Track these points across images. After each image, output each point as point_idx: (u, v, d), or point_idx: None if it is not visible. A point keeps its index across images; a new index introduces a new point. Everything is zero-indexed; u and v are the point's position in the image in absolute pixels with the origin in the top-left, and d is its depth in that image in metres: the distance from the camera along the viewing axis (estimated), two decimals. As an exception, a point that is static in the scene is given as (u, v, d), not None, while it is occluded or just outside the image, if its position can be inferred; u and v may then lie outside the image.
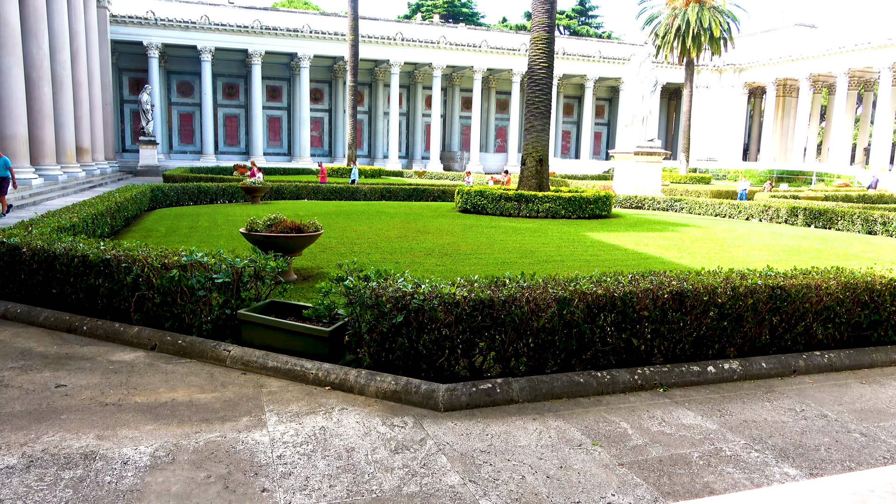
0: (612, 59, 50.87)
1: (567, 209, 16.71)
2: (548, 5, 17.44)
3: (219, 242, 10.53)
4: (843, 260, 10.81)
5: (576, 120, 57.16)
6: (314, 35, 43.24)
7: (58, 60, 24.66)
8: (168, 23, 40.03)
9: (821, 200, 23.46)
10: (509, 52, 47.92)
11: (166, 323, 5.89)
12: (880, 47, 41.33)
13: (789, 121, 53.39)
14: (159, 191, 17.90)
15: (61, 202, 18.67)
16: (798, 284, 5.68)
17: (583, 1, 72.20)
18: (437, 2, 68.58)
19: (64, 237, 7.12)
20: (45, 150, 22.82)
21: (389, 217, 15.25)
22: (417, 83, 51.21)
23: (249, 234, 7.76)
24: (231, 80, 47.22)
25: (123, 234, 11.75)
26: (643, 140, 25.58)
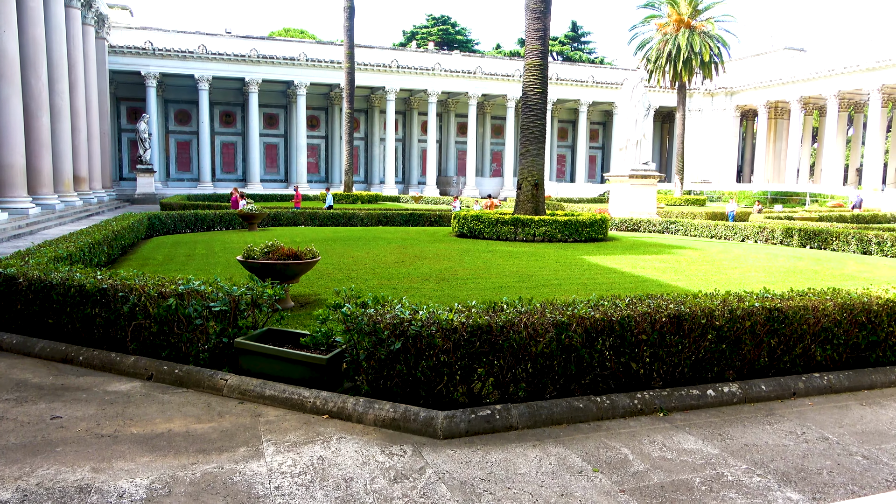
0: (605, 83, 51.47)
1: (563, 233, 16.76)
2: (541, 32, 17.69)
3: (216, 270, 10.52)
4: (839, 280, 10.84)
5: (570, 144, 57.61)
6: (310, 63, 43.70)
7: (56, 90, 24.85)
8: (166, 52, 40.44)
9: (815, 221, 23.59)
10: (504, 78, 48.47)
11: (163, 352, 5.85)
12: (869, 70, 41.93)
13: (782, 143, 53.89)
14: (156, 219, 17.92)
15: (58, 231, 18.67)
16: (795, 306, 5.69)
17: (575, 27, 73.24)
18: (432, 30, 69.52)
19: (61, 267, 7.11)
20: (42, 179, 22.89)
21: (386, 242, 15.27)
22: (413, 109, 51.67)
23: (247, 261, 7.76)
24: (228, 108, 47.57)
25: (120, 263, 11.73)
26: (637, 163, 25.77)
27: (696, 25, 42.17)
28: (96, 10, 32.36)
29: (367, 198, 35.66)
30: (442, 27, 70.13)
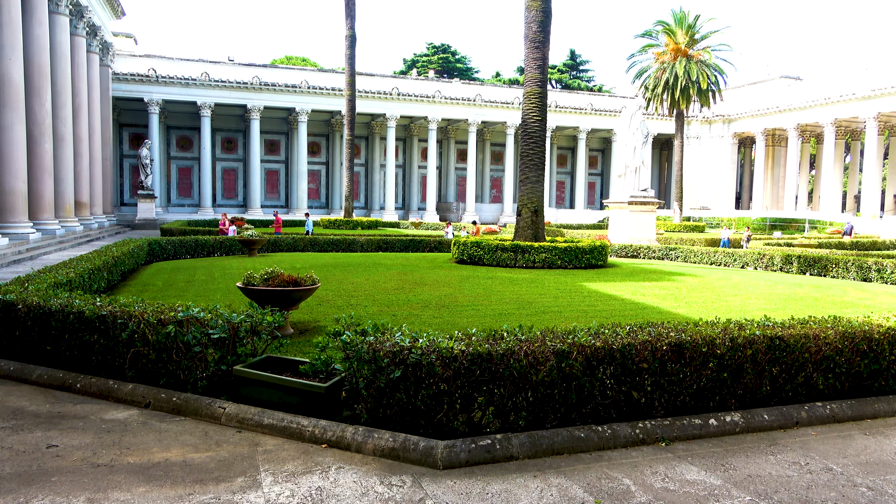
0: (603, 111, 51.97)
1: (563, 259, 16.77)
2: (540, 61, 17.91)
3: (215, 296, 10.50)
4: (839, 308, 10.81)
5: (570, 170, 57.95)
6: (312, 91, 44.16)
7: (60, 117, 25.09)
8: (169, 80, 40.89)
9: (814, 248, 23.61)
10: (503, 106, 48.94)
11: (161, 380, 5.82)
12: (864, 98, 42.36)
13: (779, 169, 54.22)
14: (156, 244, 17.94)
15: (59, 256, 18.68)
16: (796, 334, 5.67)
17: (574, 56, 74.15)
18: (432, 58, 70.38)
19: (60, 293, 7.10)
20: (44, 204, 22.98)
21: (386, 268, 15.27)
22: (413, 136, 52.08)
23: (246, 288, 7.75)
24: (230, 135, 47.95)
25: (120, 289, 11.71)
26: (637, 190, 25.89)
27: (693, 54, 42.72)
28: (101, 38, 32.80)
29: (368, 223, 35.75)
30: (442, 55, 71.00)
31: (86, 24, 29.10)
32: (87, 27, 29.43)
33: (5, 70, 19.80)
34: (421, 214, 48.93)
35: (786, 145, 51.52)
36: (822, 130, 46.90)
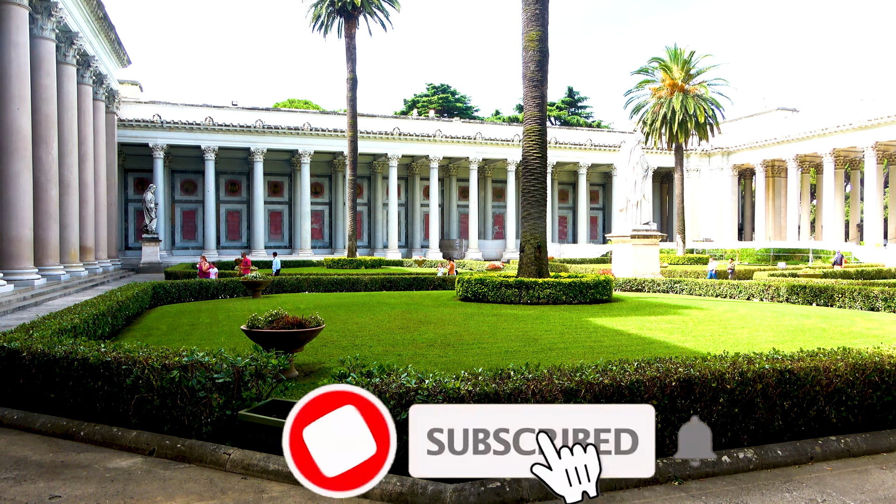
0: (602, 146, 52.49)
1: (568, 294, 16.71)
2: (539, 100, 18.16)
3: (220, 339, 10.47)
4: (848, 339, 10.71)
5: (571, 205, 58.24)
6: (314, 133, 44.78)
7: (66, 164, 25.42)
8: (174, 125, 41.55)
9: (819, 278, 23.51)
10: (503, 143, 49.49)
11: (165, 426, 5.76)
12: (862, 128, 42.72)
13: (780, 200, 54.40)
14: (161, 288, 17.95)
15: (63, 302, 18.70)
16: (806, 367, 5.61)
17: (572, 93, 75.23)
18: (433, 98, 71.45)
19: (65, 339, 7.09)
20: (49, 250, 23.11)
21: (391, 308, 15.23)
22: (415, 174, 52.55)
23: (251, 331, 7.73)
24: (233, 177, 48.48)
25: (124, 333, 11.69)
26: (639, 223, 25.96)
27: (689, 89, 43.30)
28: (107, 86, 33.46)
29: (371, 262, 35.80)
30: (442, 95, 72.10)
31: (92, 72, 29.71)
32: (93, 76, 30.04)
33: (14, 120, 20.16)
34: (424, 252, 49.05)
35: (785, 176, 51.80)
36: (821, 160, 47.20)
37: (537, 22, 17.86)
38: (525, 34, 18.08)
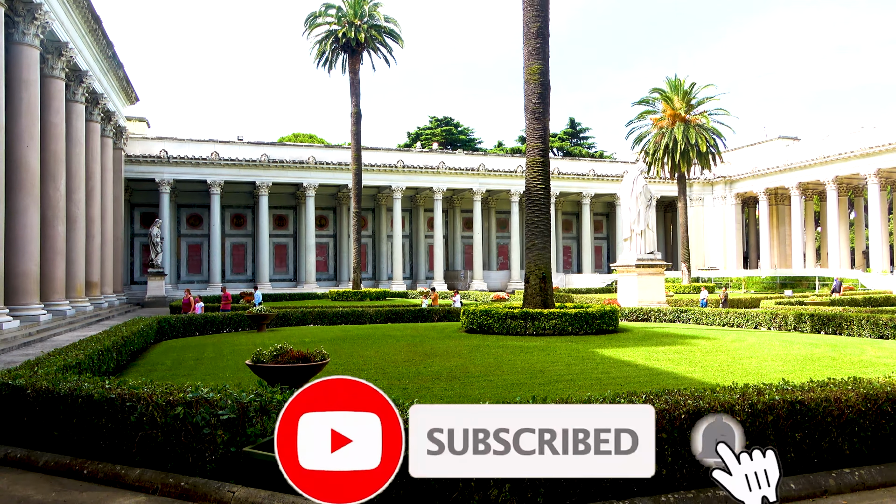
0: (605, 176, 52.77)
1: (574, 325, 16.62)
2: (541, 131, 18.33)
3: (225, 374, 10.42)
4: (859, 368, 10.59)
5: (575, 235, 58.30)
6: (319, 166, 45.20)
7: (73, 199, 25.67)
8: (180, 160, 42.01)
9: (827, 305, 23.36)
10: (506, 174, 49.81)
11: (169, 463, 5.71)
12: (864, 155, 42.88)
13: (785, 228, 54.38)
14: (165, 322, 17.94)
15: (68, 337, 18.69)
16: (817, 398, 5.55)
17: (574, 124, 75.89)
18: (436, 131, 72.16)
19: (69, 376, 7.07)
20: (55, 285, 23.20)
21: (396, 340, 15.16)
22: (419, 206, 52.81)
23: (255, 365, 7.70)
24: (239, 211, 48.81)
25: (129, 369, 11.65)
26: (643, 253, 25.92)
27: (690, 119, 43.62)
28: (115, 122, 33.96)
29: (376, 294, 35.77)
30: (445, 128, 72.82)
31: (101, 110, 30.20)
32: (101, 113, 30.52)
33: (22, 157, 20.44)
34: (429, 283, 49.00)
35: (789, 204, 51.87)
36: (825, 188, 47.29)
37: (538, 56, 18.12)
38: (526, 68, 18.34)
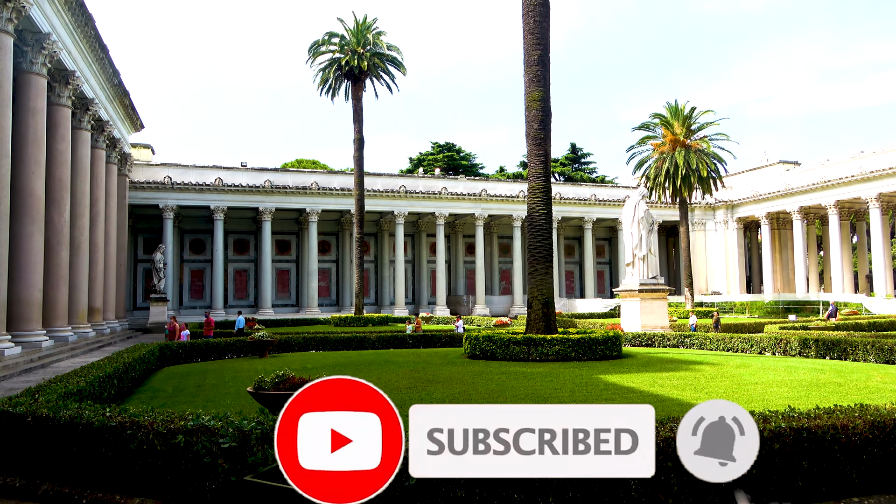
0: (607, 201, 52.93)
1: (577, 351, 16.54)
2: (542, 157, 18.45)
3: (226, 401, 10.35)
4: (865, 394, 10.50)
5: (578, 260, 58.28)
6: (322, 192, 45.44)
7: (77, 226, 25.77)
8: (184, 186, 42.27)
9: (831, 330, 23.23)
10: (508, 200, 49.98)
11: (168, 492, 5.65)
12: (864, 180, 42.98)
13: (787, 252, 54.32)
14: (167, 348, 17.90)
15: (70, 363, 18.63)
16: (824, 425, 5.49)
17: (575, 149, 76.36)
18: (438, 156, 72.61)
19: (70, 404, 7.02)
20: (58, 311, 23.18)
21: (398, 366, 15.09)
22: (421, 231, 52.92)
23: (257, 393, 7.67)
24: (242, 236, 48.96)
25: (131, 396, 11.59)
26: (646, 277, 25.85)
27: (691, 144, 43.88)
28: (120, 149, 34.26)
29: (378, 319, 35.68)
30: (447, 153, 73.28)
31: (106, 137, 30.48)
32: (107, 140, 30.80)
33: (28, 183, 20.58)
34: (431, 308, 48.89)
35: (791, 228, 51.88)
36: (826, 212, 47.33)
37: (539, 83, 18.32)
38: (528, 95, 18.52)
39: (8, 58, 18.37)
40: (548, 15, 18.57)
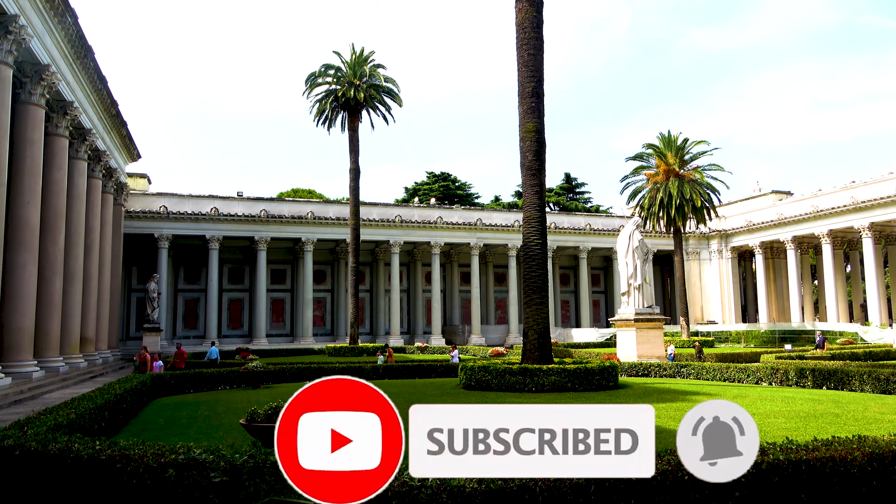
0: (602, 230, 53.15)
1: (573, 381, 16.43)
2: (537, 187, 18.56)
3: (218, 433, 10.22)
4: (863, 425, 10.43)
5: (573, 289, 58.26)
6: (317, 221, 45.52)
7: (72, 255, 25.69)
8: (179, 215, 42.29)
9: (828, 360, 23.18)
10: (504, 229, 50.14)
11: (158, 528, 5.54)
12: (856, 210, 43.33)
13: (782, 281, 54.45)
14: (159, 379, 17.71)
15: (60, 395, 18.40)
16: (822, 457, 5.44)
17: (569, 179, 76.95)
18: (433, 186, 73.00)
19: (60, 437, 6.92)
20: (50, 341, 22.97)
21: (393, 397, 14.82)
22: (417, 261, 52.92)
23: (250, 425, 7.57)
24: (237, 266, 48.85)
25: (121, 428, 11.43)
26: (642, 307, 25.87)
27: (684, 174, 44.25)
28: (116, 179, 34.35)
29: (373, 349, 35.42)
30: (443, 183, 73.72)
31: (103, 166, 30.58)
32: (103, 169, 30.90)
33: (23, 213, 20.56)
34: (427, 338, 48.64)
35: (785, 257, 52.11)
36: (820, 241, 47.61)
37: (533, 114, 18.53)
38: (522, 126, 18.71)
39: (7, 90, 18.51)
40: (541, 48, 18.87)
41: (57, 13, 21.35)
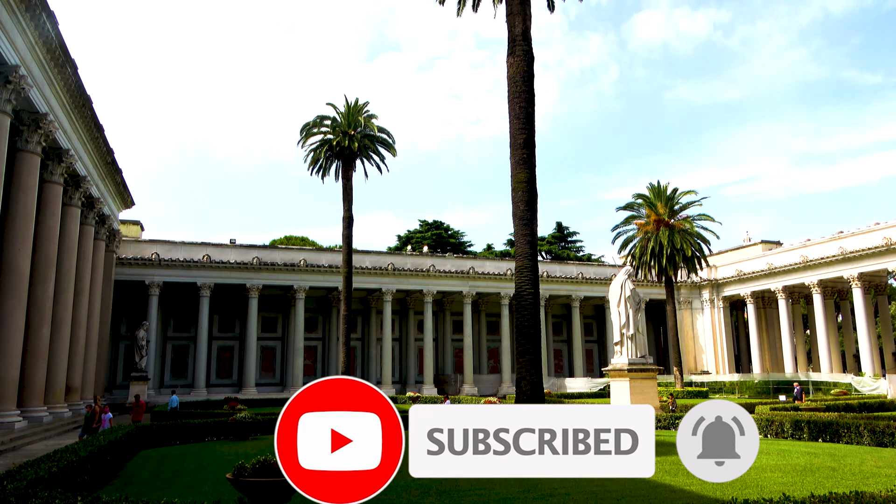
0: (594, 279, 53.26)
1: (566, 433, 16.21)
2: (529, 237, 18.68)
3: (204, 487, 9.97)
4: (860, 479, 10.31)
5: (566, 338, 57.98)
6: (310, 269, 45.42)
7: (61, 301, 25.41)
8: (171, 262, 42.12)
9: (822, 411, 23.01)
10: (496, 278, 50.17)
11: (140, 590, 5.35)
12: (845, 260, 43.71)
13: (774, 331, 54.42)
14: (145, 430, 17.35)
15: (43, 446, 17.95)
16: (819, 515, 5.36)
17: (561, 228, 77.52)
18: (426, 234, 73.31)
19: (40, 492, 6.73)
20: (34, 390, 22.50)
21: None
22: (409, 309, 52.67)
23: (237, 479, 7.39)
24: (227, 313, 48.38)
25: (107, 481, 11.12)
26: (635, 357, 25.70)
27: (675, 224, 44.72)
28: (109, 226, 34.33)
29: (364, 399, 34.88)
30: (435, 231, 74.06)
31: (96, 213, 30.60)
32: (96, 216, 30.90)
33: (13, 259, 20.42)
34: (418, 388, 48.02)
35: (776, 307, 52.23)
36: (811, 291, 47.85)
37: (525, 165, 18.79)
38: (514, 176, 18.95)
39: (4, 138, 18.63)
40: (533, 101, 19.30)
41: (57, 64, 21.71)
